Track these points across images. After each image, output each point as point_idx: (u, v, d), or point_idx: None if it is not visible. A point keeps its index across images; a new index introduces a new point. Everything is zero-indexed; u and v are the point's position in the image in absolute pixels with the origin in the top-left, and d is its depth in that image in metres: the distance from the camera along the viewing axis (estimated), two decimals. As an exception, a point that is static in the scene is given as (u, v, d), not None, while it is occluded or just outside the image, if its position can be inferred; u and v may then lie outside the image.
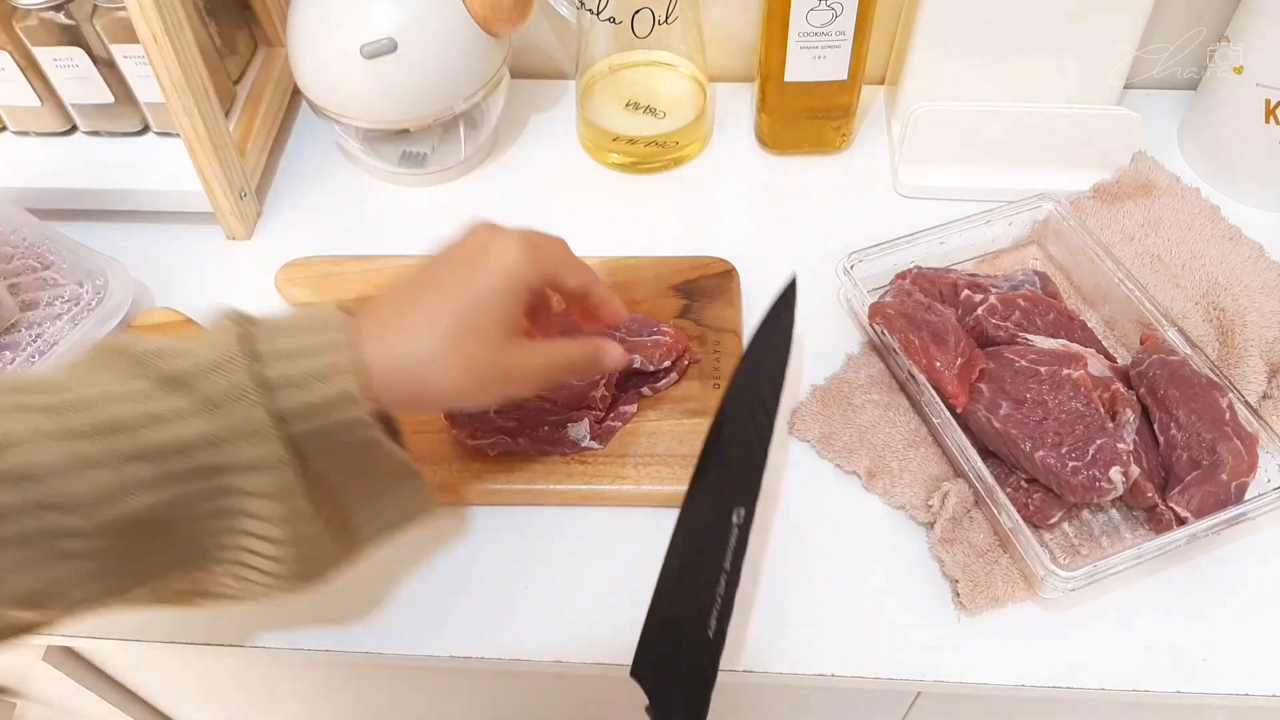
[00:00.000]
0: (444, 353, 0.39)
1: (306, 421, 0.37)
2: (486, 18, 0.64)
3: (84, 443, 0.34)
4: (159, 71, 0.59)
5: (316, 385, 0.36)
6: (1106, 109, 0.68)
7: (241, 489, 0.37)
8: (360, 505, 0.41)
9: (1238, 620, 0.50)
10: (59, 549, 0.34)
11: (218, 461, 0.36)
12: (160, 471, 0.35)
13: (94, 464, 0.34)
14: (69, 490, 0.34)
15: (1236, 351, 0.57)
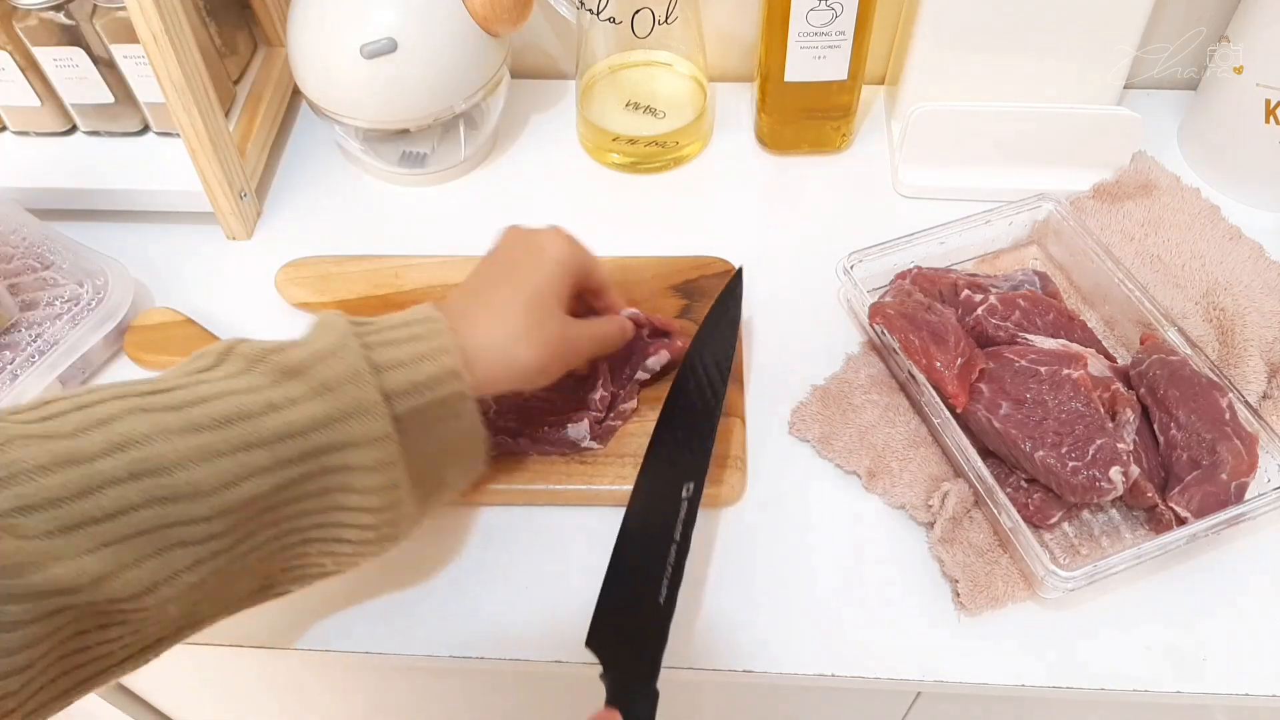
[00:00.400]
0: (526, 332, 0.46)
1: (413, 398, 0.41)
2: (486, 18, 0.64)
3: (207, 434, 0.37)
4: (159, 71, 0.59)
5: (424, 364, 0.41)
6: (1106, 109, 0.68)
7: (347, 465, 0.40)
8: (441, 471, 0.45)
9: (1238, 620, 0.50)
10: (175, 538, 0.36)
11: (330, 441, 0.39)
12: (276, 456, 0.38)
13: (216, 454, 0.37)
14: (192, 480, 0.36)
15: (1236, 351, 0.57)
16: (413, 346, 0.42)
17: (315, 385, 0.39)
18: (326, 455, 0.39)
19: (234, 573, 0.40)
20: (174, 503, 0.36)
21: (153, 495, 0.35)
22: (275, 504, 0.39)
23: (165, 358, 0.61)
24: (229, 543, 0.38)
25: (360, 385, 0.40)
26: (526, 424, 0.54)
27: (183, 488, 0.36)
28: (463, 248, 0.67)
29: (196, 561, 0.37)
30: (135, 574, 0.35)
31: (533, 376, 0.47)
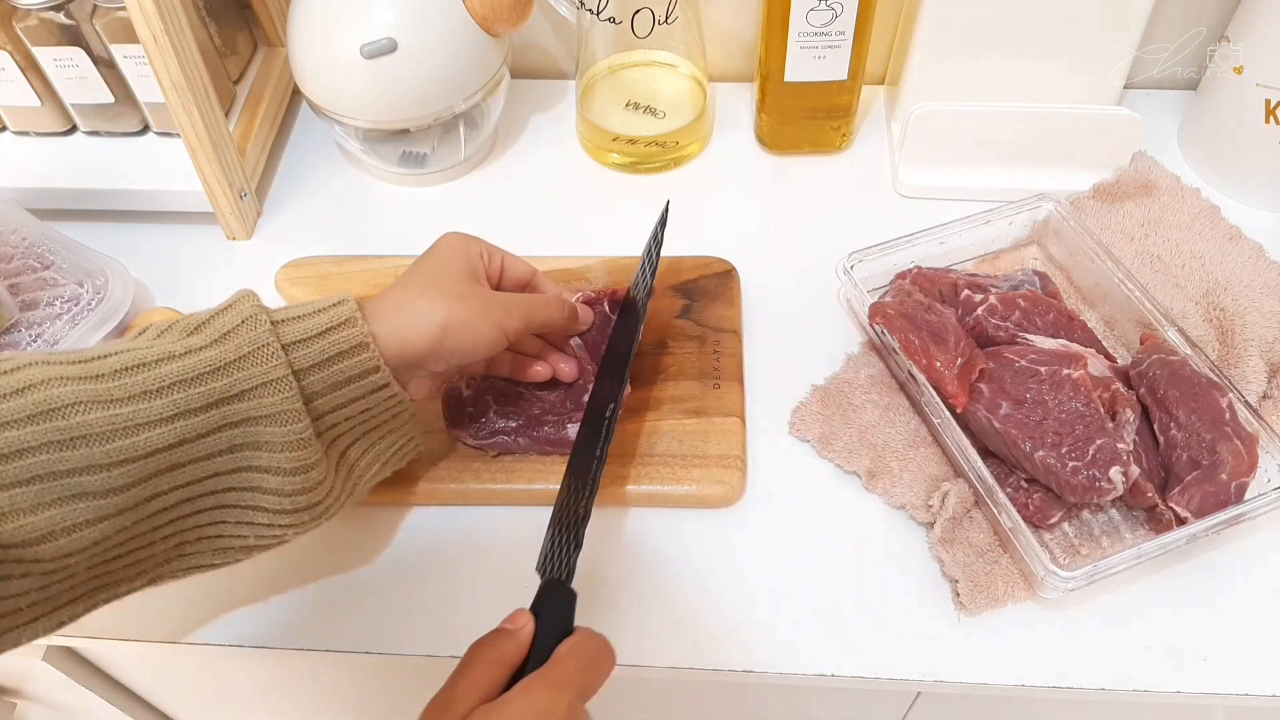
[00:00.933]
0: (426, 289, 0.46)
1: (310, 347, 0.41)
2: (486, 18, 0.64)
3: (105, 382, 0.37)
4: (159, 71, 0.59)
5: (321, 316, 0.42)
6: (1106, 109, 0.68)
7: (250, 417, 0.40)
8: (367, 445, 0.46)
9: (1238, 620, 0.50)
10: (76, 485, 0.36)
11: (229, 389, 0.39)
12: (175, 405, 0.38)
13: (113, 400, 0.37)
14: (88, 424, 0.36)
15: (1236, 351, 0.57)
16: (311, 305, 0.43)
17: (213, 335, 0.40)
18: (227, 405, 0.40)
19: (144, 534, 0.40)
20: (72, 448, 0.36)
21: (51, 439, 0.36)
22: (181, 460, 0.39)
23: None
24: (133, 499, 0.38)
25: (255, 329, 0.40)
26: (526, 425, 0.54)
27: (78, 431, 0.36)
28: (463, 248, 0.67)
29: (99, 516, 0.37)
30: (31, 520, 0.35)
31: (450, 334, 0.46)
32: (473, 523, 0.54)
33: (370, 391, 0.44)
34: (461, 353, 0.47)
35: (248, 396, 0.40)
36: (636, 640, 0.50)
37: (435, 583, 0.52)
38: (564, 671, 0.38)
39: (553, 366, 0.54)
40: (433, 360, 0.46)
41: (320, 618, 0.51)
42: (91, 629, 0.52)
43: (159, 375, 0.38)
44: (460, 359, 0.47)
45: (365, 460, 0.47)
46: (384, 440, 0.47)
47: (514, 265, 0.53)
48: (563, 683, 0.37)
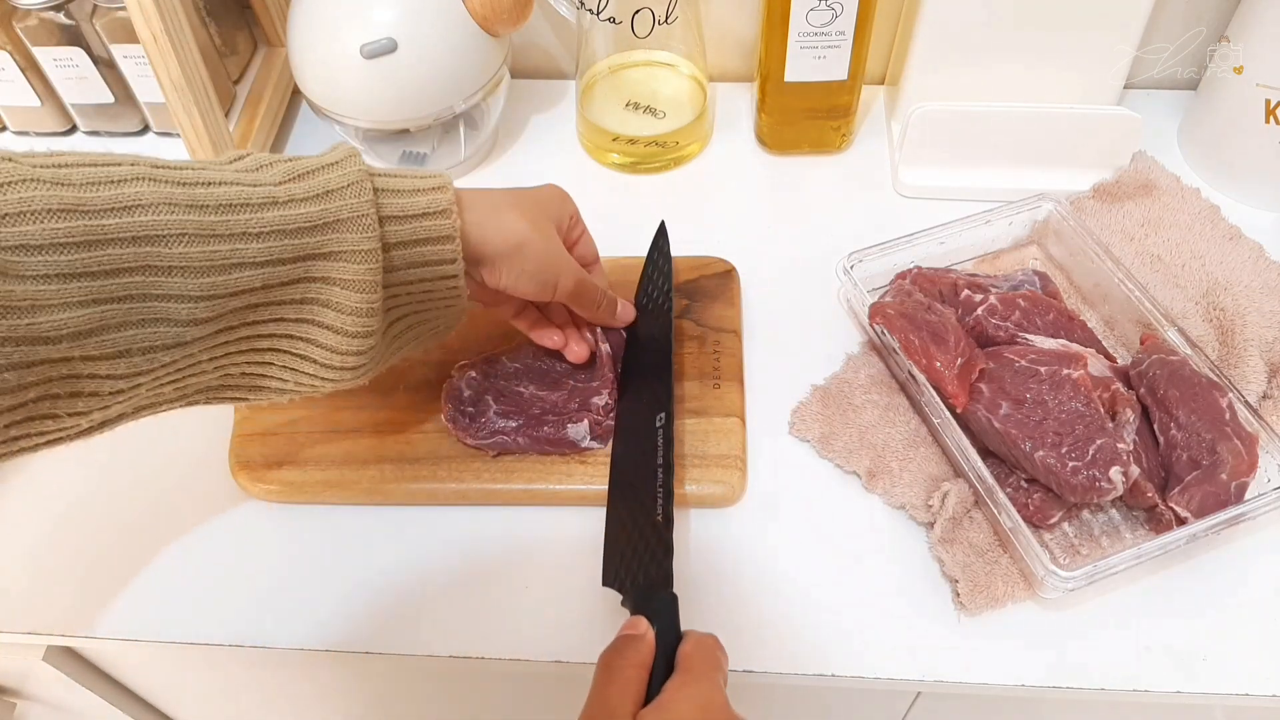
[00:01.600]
0: (515, 205, 0.48)
1: (405, 225, 0.43)
2: (486, 18, 0.64)
3: (209, 215, 0.38)
4: (159, 71, 0.59)
5: (419, 197, 0.43)
6: (1106, 109, 0.68)
7: (330, 278, 0.41)
8: (417, 317, 0.48)
9: (1238, 620, 0.50)
10: (160, 312, 0.38)
11: (321, 247, 0.40)
12: (269, 252, 0.39)
13: (214, 235, 0.38)
14: (187, 256, 0.37)
15: (1236, 351, 0.57)
16: (413, 182, 0.44)
17: (317, 189, 0.40)
18: (313, 261, 0.41)
19: (202, 363, 0.41)
20: (167, 275, 0.37)
21: (148, 263, 0.36)
22: (257, 303, 0.40)
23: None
24: (209, 331, 0.40)
25: (359, 196, 0.41)
26: (526, 424, 0.54)
27: (177, 261, 0.37)
28: (463, 248, 0.67)
29: (176, 341, 0.39)
30: (115, 337, 0.37)
31: (522, 251, 0.47)
32: (473, 523, 0.54)
33: (440, 278, 0.45)
34: (518, 276, 0.48)
35: (336, 259, 0.41)
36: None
37: (435, 583, 0.52)
38: (703, 668, 0.39)
39: (568, 341, 0.55)
40: (492, 269, 0.47)
41: (320, 618, 0.51)
42: (91, 629, 0.52)
43: (261, 220, 0.39)
44: (512, 282, 0.48)
45: (409, 334, 0.48)
46: (430, 321, 0.49)
47: (588, 243, 0.55)
48: (710, 677, 0.39)
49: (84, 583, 0.53)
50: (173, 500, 0.56)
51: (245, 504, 0.56)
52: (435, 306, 0.47)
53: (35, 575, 0.54)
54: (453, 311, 0.49)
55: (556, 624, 0.51)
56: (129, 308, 0.37)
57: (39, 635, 0.52)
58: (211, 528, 0.55)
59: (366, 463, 0.55)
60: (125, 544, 0.55)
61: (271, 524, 0.55)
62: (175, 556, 0.54)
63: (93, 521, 0.55)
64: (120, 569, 0.54)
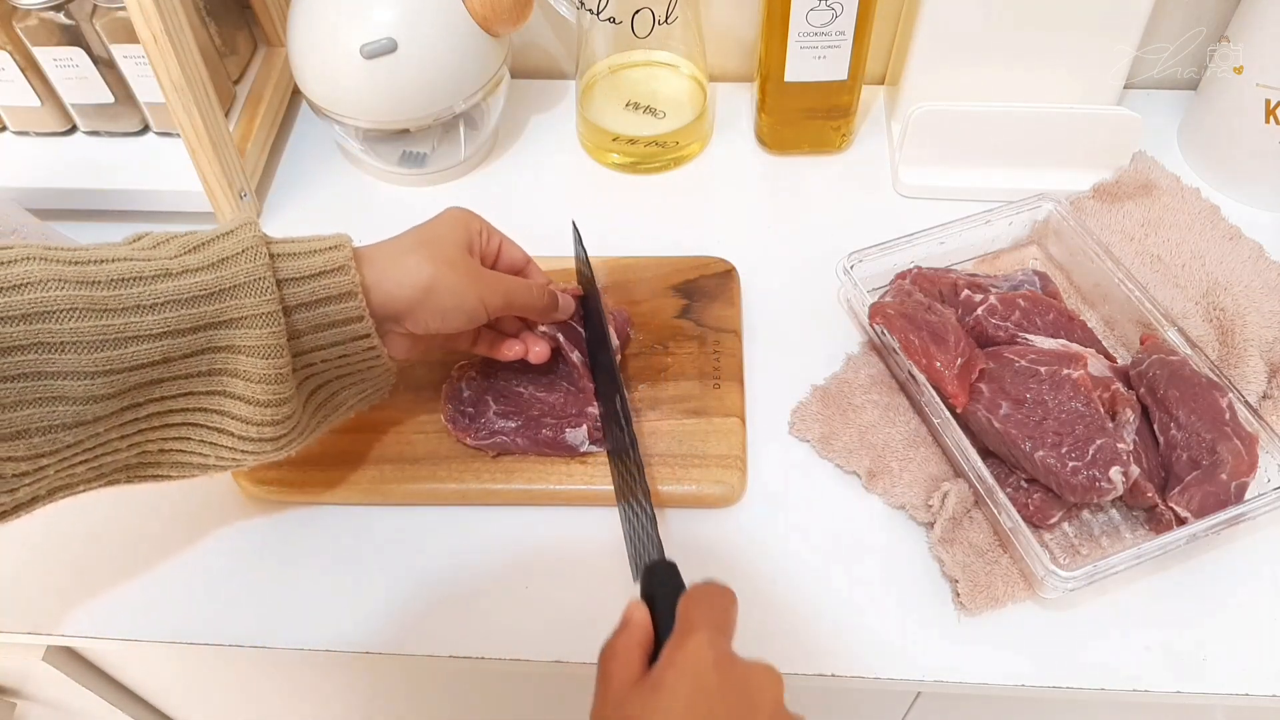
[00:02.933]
0: (417, 247, 0.47)
1: (302, 286, 0.43)
2: (486, 18, 0.64)
3: (101, 290, 0.38)
4: (159, 71, 0.59)
5: (316, 257, 0.43)
6: (1106, 109, 0.68)
7: (234, 345, 0.41)
8: (337, 385, 0.47)
9: (1238, 620, 0.50)
10: (56, 390, 0.37)
11: (219, 314, 0.40)
12: (166, 323, 0.39)
13: (107, 309, 0.38)
14: (80, 331, 0.37)
15: (1236, 351, 0.56)
16: (309, 244, 0.44)
17: (211, 258, 0.41)
18: (214, 330, 0.41)
19: (111, 441, 0.41)
20: (59, 351, 0.37)
21: (40, 339, 0.36)
22: (161, 377, 0.40)
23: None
24: (109, 408, 0.39)
25: (254, 260, 0.41)
26: (526, 425, 0.54)
27: (69, 336, 0.37)
28: (463, 248, 0.67)
29: (76, 420, 0.38)
30: (10, 416, 0.36)
31: (435, 294, 0.46)
32: (473, 523, 0.54)
33: (351, 339, 0.45)
34: (441, 316, 0.47)
35: (235, 325, 0.41)
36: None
37: (435, 583, 0.52)
38: (697, 620, 0.37)
39: (527, 347, 0.54)
40: (412, 319, 0.47)
41: (320, 618, 0.51)
42: (92, 629, 0.52)
43: (154, 291, 0.39)
44: (439, 324, 0.48)
45: (333, 402, 0.48)
46: (354, 387, 0.49)
47: (510, 249, 0.53)
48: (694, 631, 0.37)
49: (84, 583, 0.53)
50: (173, 500, 0.56)
51: (245, 504, 0.56)
52: (356, 369, 0.47)
53: (35, 575, 0.54)
54: (377, 373, 0.48)
55: (556, 624, 0.51)
56: (22, 386, 0.36)
57: (39, 635, 0.52)
58: (212, 528, 0.55)
59: (366, 463, 0.55)
60: (125, 544, 0.55)
61: (271, 524, 0.55)
62: (175, 556, 0.54)
63: (93, 522, 0.55)
64: (120, 569, 0.54)
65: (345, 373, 0.47)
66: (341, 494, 0.55)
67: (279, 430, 0.44)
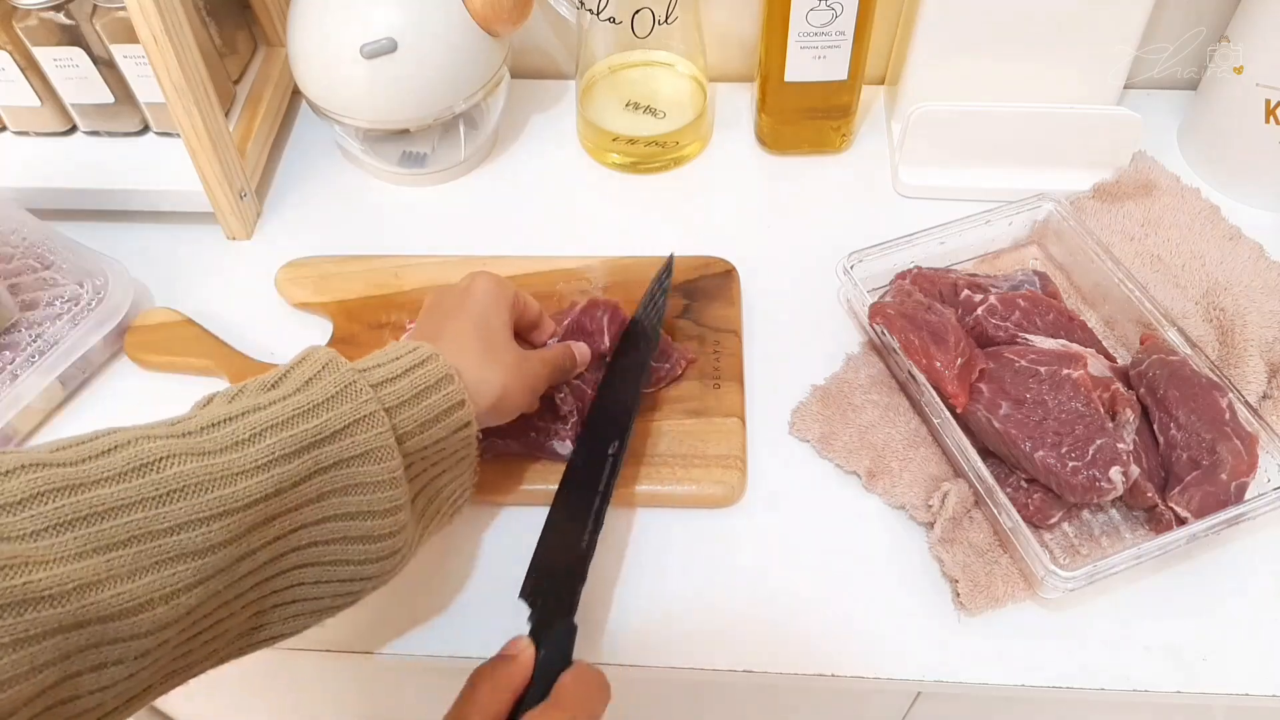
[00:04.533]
0: (486, 357, 0.46)
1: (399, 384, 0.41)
2: (486, 18, 0.64)
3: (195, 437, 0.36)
4: (159, 72, 0.59)
5: (399, 361, 0.42)
6: (1106, 109, 0.68)
7: (344, 459, 0.39)
8: (435, 487, 0.45)
9: (1238, 620, 0.50)
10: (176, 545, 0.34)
11: (321, 431, 0.38)
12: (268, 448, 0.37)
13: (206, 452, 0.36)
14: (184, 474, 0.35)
15: (1236, 351, 0.56)
16: (386, 354, 0.43)
17: (296, 383, 0.39)
18: (319, 448, 0.38)
19: (228, 603, 0.37)
20: (170, 502, 0.34)
21: (147, 494, 0.34)
22: (275, 512, 0.37)
23: (165, 358, 0.61)
24: (228, 558, 0.36)
25: (338, 370, 0.40)
26: (517, 428, 0.54)
27: (177, 483, 0.34)
28: (463, 248, 0.67)
29: (198, 579, 0.35)
30: (130, 587, 0.33)
31: (503, 402, 0.46)
32: (473, 523, 0.54)
33: (455, 430, 0.43)
34: (503, 415, 0.48)
35: (340, 436, 0.38)
36: (637, 640, 0.50)
37: (435, 583, 0.52)
38: (572, 701, 0.39)
39: None
40: (480, 421, 0.45)
41: (320, 618, 0.51)
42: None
43: (249, 424, 0.37)
44: (499, 421, 0.48)
45: (433, 507, 0.45)
46: (449, 485, 0.46)
47: (531, 307, 0.53)
48: (574, 712, 0.38)
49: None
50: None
51: (245, 504, 0.56)
52: (453, 465, 0.45)
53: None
54: (466, 469, 0.46)
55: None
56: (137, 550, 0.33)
57: None
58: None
59: (366, 463, 0.55)
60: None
61: (271, 524, 0.55)
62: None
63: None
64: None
65: (443, 470, 0.45)
66: (341, 494, 0.55)
67: (397, 543, 0.42)
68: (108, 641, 0.33)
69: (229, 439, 0.36)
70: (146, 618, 0.33)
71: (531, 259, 0.64)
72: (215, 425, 0.37)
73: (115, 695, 0.34)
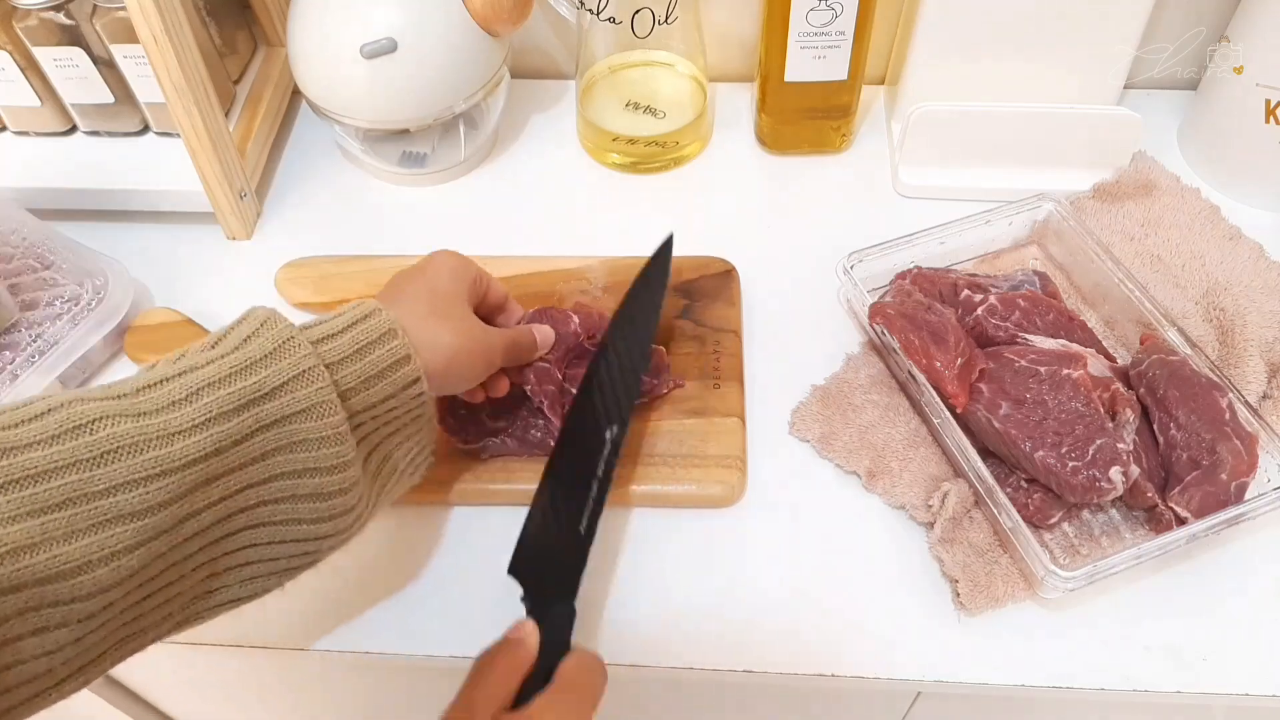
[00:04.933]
0: (433, 317, 0.46)
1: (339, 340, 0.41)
2: (486, 18, 0.64)
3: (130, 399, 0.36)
4: (159, 72, 0.59)
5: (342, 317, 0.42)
6: (1106, 109, 0.68)
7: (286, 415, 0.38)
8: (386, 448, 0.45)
9: (1238, 620, 0.50)
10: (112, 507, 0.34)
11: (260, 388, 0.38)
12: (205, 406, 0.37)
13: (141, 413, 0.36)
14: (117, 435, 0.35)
15: (1236, 351, 0.56)
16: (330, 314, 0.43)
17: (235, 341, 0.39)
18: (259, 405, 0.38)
19: (176, 565, 0.37)
20: (104, 463, 0.34)
21: (80, 456, 0.34)
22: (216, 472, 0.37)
23: (165, 358, 0.61)
24: (170, 519, 0.36)
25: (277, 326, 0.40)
26: (515, 426, 0.54)
27: (110, 444, 0.34)
28: (462, 248, 0.67)
29: (138, 540, 0.35)
30: (66, 549, 0.33)
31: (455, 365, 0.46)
32: (473, 523, 0.54)
33: (402, 387, 0.42)
34: (459, 382, 0.47)
35: (280, 393, 0.38)
36: (637, 640, 0.50)
37: (435, 583, 0.52)
38: (579, 685, 0.40)
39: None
40: (432, 385, 0.45)
41: (320, 618, 0.51)
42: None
43: (186, 383, 0.37)
44: (454, 388, 0.48)
45: (388, 467, 0.45)
46: (403, 446, 0.46)
47: (496, 288, 0.53)
48: (580, 696, 0.39)
49: (84, 583, 0.53)
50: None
51: (245, 504, 0.56)
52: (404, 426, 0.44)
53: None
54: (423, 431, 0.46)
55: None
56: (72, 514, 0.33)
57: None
58: (211, 528, 0.55)
59: (366, 463, 0.55)
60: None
61: (271, 524, 0.55)
62: (175, 556, 0.54)
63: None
64: (120, 569, 0.54)
65: (395, 430, 0.44)
66: (341, 494, 0.55)
67: (349, 501, 0.41)
68: (48, 604, 0.33)
69: (165, 399, 0.36)
70: (87, 580, 0.33)
71: (531, 259, 0.64)
72: (152, 386, 0.37)
73: (65, 661, 0.34)
